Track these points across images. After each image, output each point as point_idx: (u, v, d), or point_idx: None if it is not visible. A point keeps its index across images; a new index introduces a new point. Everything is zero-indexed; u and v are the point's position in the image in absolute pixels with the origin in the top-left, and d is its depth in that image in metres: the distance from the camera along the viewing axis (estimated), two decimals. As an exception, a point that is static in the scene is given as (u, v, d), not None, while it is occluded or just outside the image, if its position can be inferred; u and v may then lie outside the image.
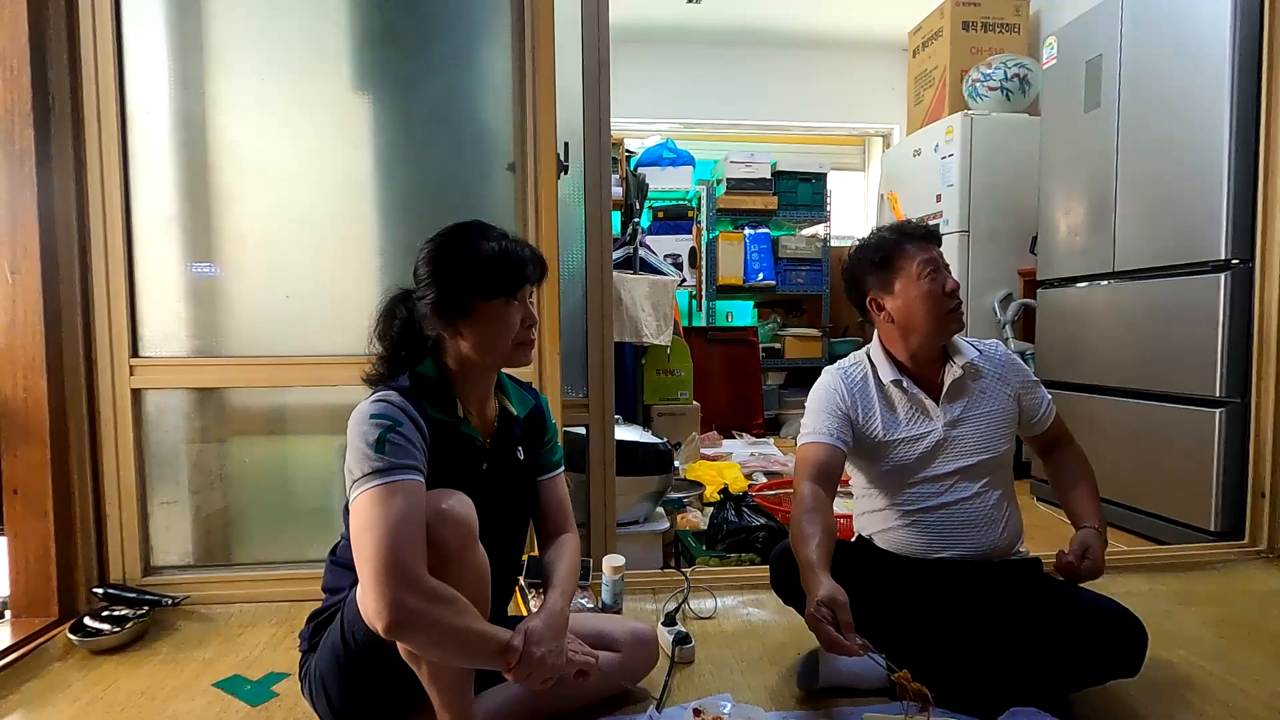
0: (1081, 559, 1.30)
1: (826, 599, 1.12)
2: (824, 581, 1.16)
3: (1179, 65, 2.31)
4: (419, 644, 0.98)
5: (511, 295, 1.11)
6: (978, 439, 1.39)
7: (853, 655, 1.11)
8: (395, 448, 1.00)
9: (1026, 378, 1.47)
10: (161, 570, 1.85)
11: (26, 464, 1.67)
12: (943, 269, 1.39)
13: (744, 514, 2.23)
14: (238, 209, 1.83)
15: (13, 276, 1.65)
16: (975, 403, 1.41)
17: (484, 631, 1.00)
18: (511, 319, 1.11)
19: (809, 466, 1.36)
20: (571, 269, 1.95)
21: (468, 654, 1.01)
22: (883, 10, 4.40)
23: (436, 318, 1.10)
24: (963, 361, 1.41)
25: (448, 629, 0.96)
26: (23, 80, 1.62)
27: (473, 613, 0.99)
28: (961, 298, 1.39)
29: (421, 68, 1.87)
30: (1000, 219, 3.42)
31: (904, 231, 1.42)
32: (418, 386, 1.11)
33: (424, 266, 1.12)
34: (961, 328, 1.41)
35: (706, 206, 4.54)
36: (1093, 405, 2.62)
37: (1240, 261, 2.17)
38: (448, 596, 0.97)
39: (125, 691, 1.39)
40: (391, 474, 0.98)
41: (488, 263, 1.09)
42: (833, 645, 1.10)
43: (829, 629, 1.10)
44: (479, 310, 1.09)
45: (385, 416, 1.03)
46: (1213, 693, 1.35)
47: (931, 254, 1.39)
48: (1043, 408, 1.46)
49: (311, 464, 1.95)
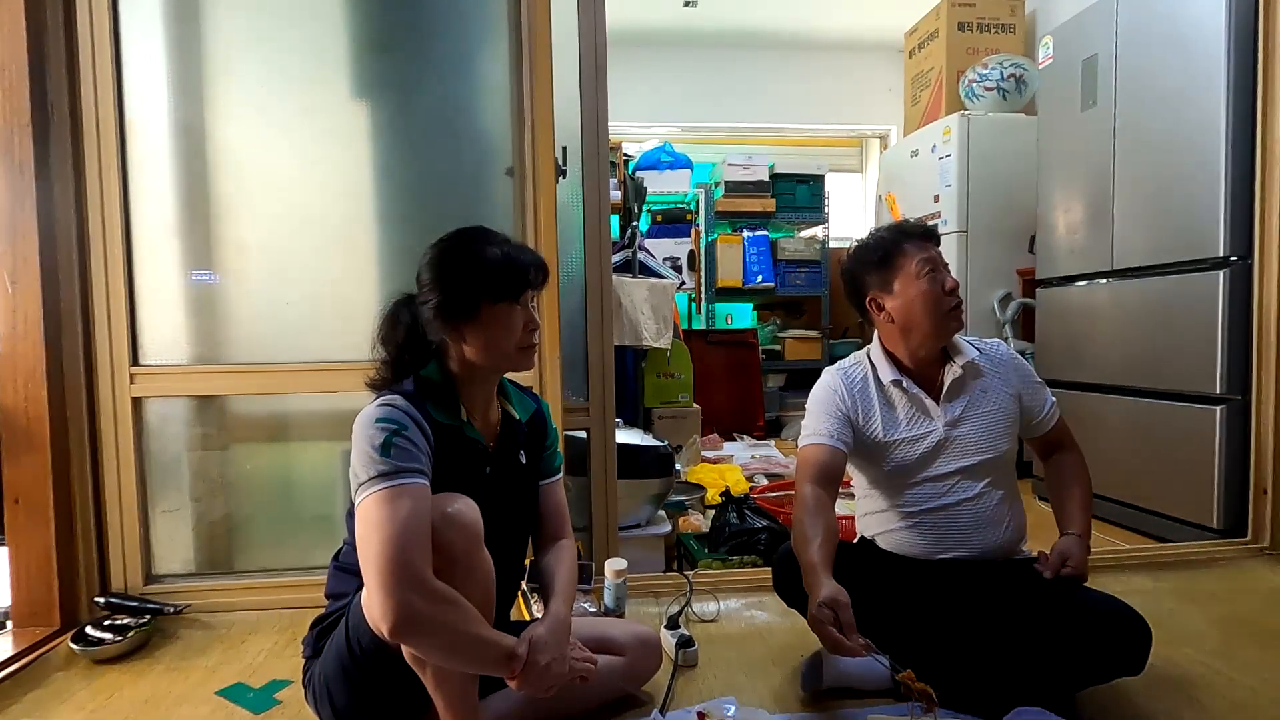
0: (1060, 566, 1.29)
1: (828, 600, 1.12)
2: (826, 583, 1.16)
3: (1175, 63, 2.31)
4: (424, 646, 0.98)
5: (515, 299, 1.11)
6: (979, 438, 1.38)
7: (856, 656, 1.11)
8: (401, 451, 1.01)
9: (1029, 377, 1.46)
10: (163, 578, 1.85)
11: (28, 473, 1.67)
12: (941, 268, 1.39)
13: (746, 516, 2.22)
14: (237, 216, 1.83)
15: (13, 286, 1.65)
16: (976, 402, 1.40)
17: (489, 638, 1.00)
18: (515, 323, 1.12)
19: (809, 468, 1.36)
20: (571, 273, 1.96)
21: (472, 659, 1.01)
22: (878, 12, 4.41)
23: (440, 322, 1.10)
24: (963, 361, 1.40)
25: (453, 632, 0.96)
26: (22, 91, 1.62)
27: (478, 618, 0.99)
28: (961, 297, 1.39)
29: (420, 73, 1.88)
30: (998, 219, 3.43)
31: (902, 231, 1.42)
32: (422, 390, 1.11)
33: (428, 271, 1.12)
34: (961, 326, 1.41)
35: (705, 209, 4.54)
36: (1093, 403, 2.62)
37: (1239, 258, 2.17)
38: (453, 599, 0.97)
39: (128, 700, 1.38)
40: (397, 477, 0.98)
41: (492, 267, 1.10)
42: (835, 646, 1.10)
43: (831, 630, 1.10)
44: (483, 314, 1.10)
45: (390, 420, 1.03)
46: (1218, 690, 1.35)
47: (930, 253, 1.39)
48: (1045, 409, 1.45)
49: (313, 470, 1.95)
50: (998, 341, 1.50)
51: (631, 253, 3.23)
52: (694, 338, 4.14)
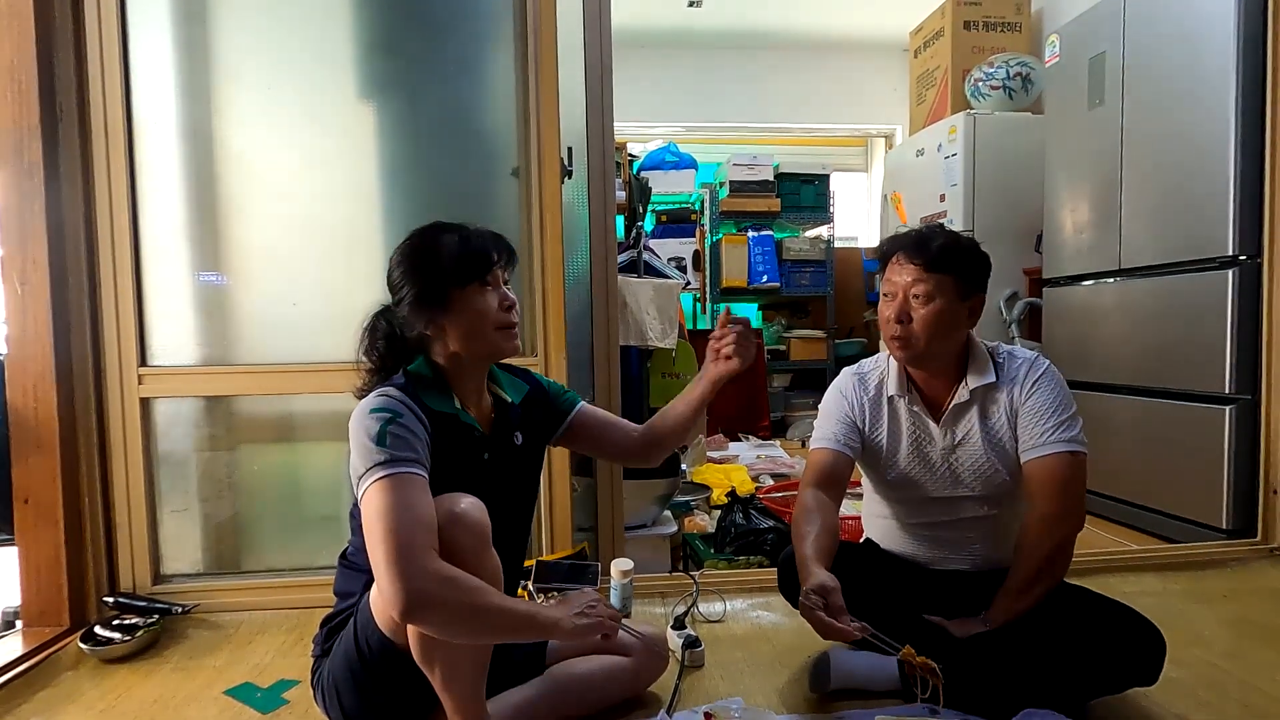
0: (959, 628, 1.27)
1: (815, 586, 1.11)
2: (815, 572, 1.15)
3: (1183, 60, 2.30)
4: (439, 624, 0.96)
5: (483, 279, 1.12)
6: (979, 464, 1.33)
7: (850, 639, 1.10)
8: (397, 440, 1.01)
9: (1035, 408, 1.29)
10: (171, 578, 1.85)
11: (37, 473, 1.67)
12: (902, 293, 1.29)
13: (751, 516, 2.22)
14: (244, 218, 1.84)
15: (22, 288, 1.66)
16: (980, 427, 1.33)
17: (509, 604, 1.01)
18: (488, 303, 1.12)
19: (811, 472, 1.36)
20: (576, 273, 1.96)
21: (498, 628, 1.00)
22: (884, 11, 4.40)
23: (417, 316, 1.11)
24: (975, 384, 1.33)
25: (470, 606, 0.96)
26: (31, 93, 1.63)
27: (490, 589, 0.99)
28: (905, 327, 1.28)
29: (426, 75, 1.88)
30: (1005, 218, 3.41)
31: (893, 240, 1.35)
32: (414, 382, 1.12)
33: (396, 270, 1.14)
34: (903, 356, 1.32)
35: (710, 209, 4.54)
36: (1101, 403, 2.60)
37: (1248, 257, 2.15)
38: (461, 575, 0.96)
39: (137, 700, 1.39)
40: (395, 465, 0.99)
41: (451, 250, 1.11)
42: (828, 631, 1.09)
43: (820, 615, 1.08)
44: (454, 301, 1.11)
45: (385, 409, 1.04)
46: (1229, 691, 1.34)
47: (898, 275, 1.30)
48: (1034, 442, 1.28)
49: (321, 470, 1.95)
50: (1030, 358, 1.36)
51: (636, 253, 3.23)
52: (699, 338, 4.13)
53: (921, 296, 1.28)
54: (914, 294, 1.29)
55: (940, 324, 1.29)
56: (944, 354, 1.33)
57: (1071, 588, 1.33)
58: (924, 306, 1.28)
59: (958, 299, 1.30)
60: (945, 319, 1.29)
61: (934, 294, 1.28)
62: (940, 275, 1.28)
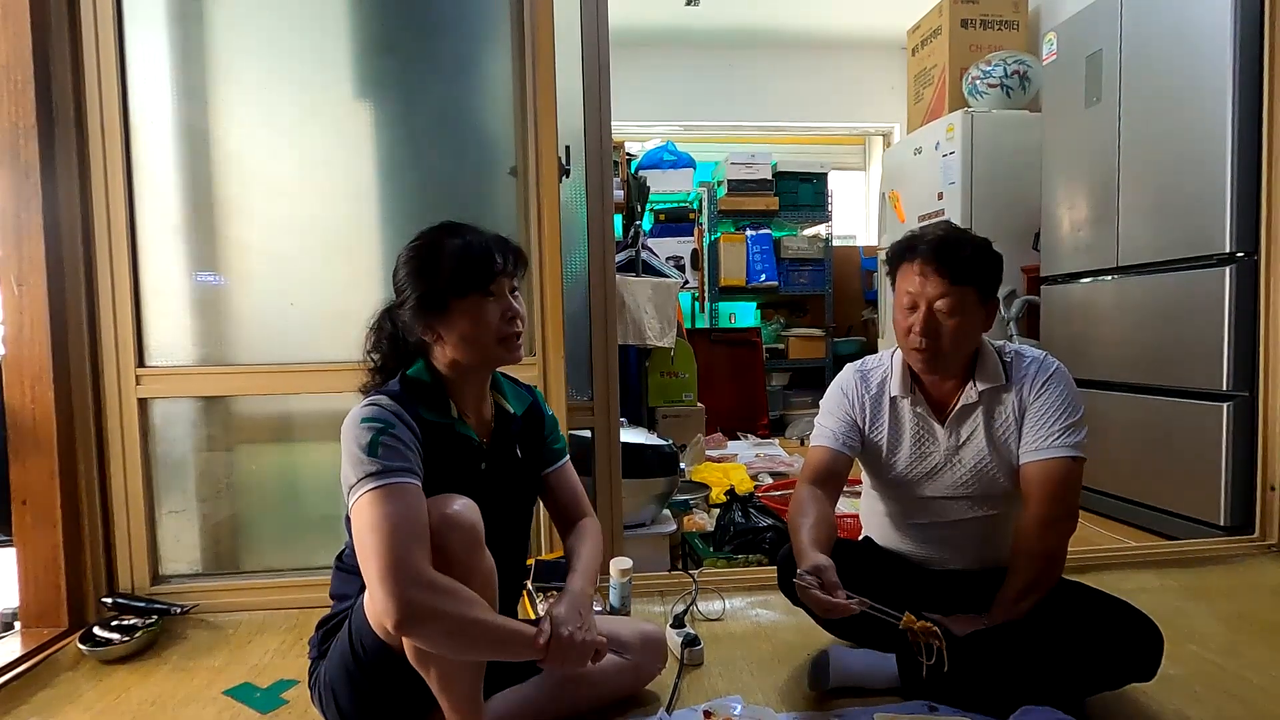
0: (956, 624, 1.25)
1: (810, 567, 1.13)
2: (811, 555, 1.16)
3: (1180, 58, 2.30)
4: (431, 638, 0.97)
5: (484, 290, 1.09)
6: (982, 466, 1.33)
7: (848, 614, 1.10)
8: (388, 450, 1.00)
9: (1042, 411, 1.28)
10: (170, 579, 1.85)
11: (35, 474, 1.67)
12: (925, 305, 1.25)
13: (751, 515, 2.22)
14: (241, 218, 1.83)
15: (19, 288, 1.65)
16: (985, 428, 1.32)
17: (500, 621, 1.01)
18: (488, 314, 1.09)
19: (808, 469, 1.36)
20: (574, 272, 1.96)
21: (487, 645, 1.00)
22: (881, 9, 4.40)
23: (417, 322, 1.10)
24: (982, 388, 1.31)
25: (459, 620, 0.95)
26: (27, 93, 1.63)
27: (483, 604, 0.98)
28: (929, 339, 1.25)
29: (423, 75, 1.88)
30: (1002, 216, 3.41)
31: (910, 242, 1.30)
32: (409, 389, 1.11)
33: (400, 271, 1.13)
34: (923, 366, 1.30)
35: (708, 208, 4.54)
36: (1099, 401, 2.60)
37: (1245, 254, 2.16)
38: (455, 589, 0.96)
39: (136, 700, 1.39)
40: (387, 476, 0.98)
41: (453, 260, 1.08)
42: (825, 608, 1.09)
43: (816, 593, 1.09)
44: (453, 310, 1.09)
45: (376, 420, 1.03)
46: (1227, 688, 1.34)
47: (920, 286, 1.25)
48: (1038, 444, 1.27)
49: (319, 471, 1.95)
50: (1040, 359, 1.34)
51: (635, 252, 3.23)
52: (697, 337, 4.14)
53: (947, 310, 1.25)
54: (939, 308, 1.25)
55: (967, 337, 1.28)
56: (960, 360, 1.32)
57: (1070, 584, 1.33)
58: (950, 320, 1.25)
59: (979, 307, 1.28)
60: (972, 331, 1.28)
61: (960, 307, 1.25)
62: (965, 287, 1.25)
